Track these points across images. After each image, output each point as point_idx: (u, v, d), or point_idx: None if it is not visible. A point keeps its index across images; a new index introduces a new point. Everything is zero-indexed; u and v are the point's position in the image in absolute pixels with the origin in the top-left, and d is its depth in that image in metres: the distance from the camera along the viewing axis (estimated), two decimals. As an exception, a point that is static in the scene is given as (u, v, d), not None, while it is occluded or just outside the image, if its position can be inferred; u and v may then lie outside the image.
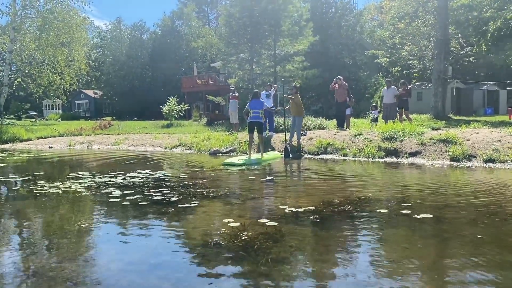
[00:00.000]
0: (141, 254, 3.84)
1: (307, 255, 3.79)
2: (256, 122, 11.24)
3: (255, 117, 11.22)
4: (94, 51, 55.38)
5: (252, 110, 11.20)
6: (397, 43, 26.36)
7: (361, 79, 29.42)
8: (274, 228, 4.45)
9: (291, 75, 23.77)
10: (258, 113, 11.22)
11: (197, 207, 5.57)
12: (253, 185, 7.58)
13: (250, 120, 11.26)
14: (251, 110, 11.24)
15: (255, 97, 11.45)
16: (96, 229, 4.79)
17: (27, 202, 6.21)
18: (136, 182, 7.62)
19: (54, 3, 30.49)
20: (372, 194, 6.29)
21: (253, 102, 11.33)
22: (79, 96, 55.67)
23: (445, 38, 20.27)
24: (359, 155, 11.14)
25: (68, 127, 22.86)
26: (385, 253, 3.84)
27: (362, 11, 35.35)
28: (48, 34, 29.91)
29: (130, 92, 48.09)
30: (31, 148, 17.62)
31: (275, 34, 23.19)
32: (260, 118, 11.29)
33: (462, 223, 4.69)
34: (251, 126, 11.31)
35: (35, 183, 7.61)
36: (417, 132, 11.59)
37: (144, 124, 25.66)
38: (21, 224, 5.06)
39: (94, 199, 6.33)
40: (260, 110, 11.24)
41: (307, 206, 5.42)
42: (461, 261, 3.55)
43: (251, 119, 11.24)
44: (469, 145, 10.21)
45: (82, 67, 33.15)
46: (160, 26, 52.72)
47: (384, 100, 14.75)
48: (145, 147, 15.85)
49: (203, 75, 40.17)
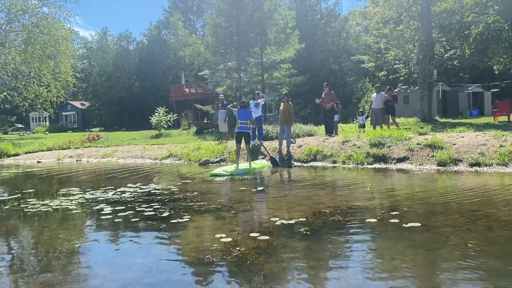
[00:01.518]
0: (135, 274, 3.87)
1: (299, 269, 3.85)
2: (244, 132, 11.31)
3: (243, 128, 11.28)
4: (80, 62, 55.10)
5: (241, 120, 11.26)
6: (382, 48, 26.70)
7: (347, 84, 29.70)
8: (266, 242, 4.50)
9: (278, 82, 23.94)
10: (246, 124, 11.29)
11: (189, 222, 5.60)
12: (244, 196, 7.63)
13: (238, 130, 11.31)
14: (239, 120, 11.30)
15: (244, 107, 11.52)
16: (89, 248, 4.80)
17: (17, 222, 6.18)
18: (127, 197, 7.62)
19: (39, 16, 30.36)
20: (361, 203, 6.38)
21: (241, 112, 11.39)
22: (66, 107, 55.35)
23: (429, 42, 20.59)
24: (348, 162, 11.26)
25: (56, 141, 22.67)
26: (375, 264, 3.92)
27: (347, 17, 35.76)
28: (33, 47, 29.71)
29: (117, 102, 47.95)
30: (19, 163, 17.46)
31: (261, 42, 23.34)
32: (248, 128, 11.36)
33: (449, 231, 4.79)
34: (239, 136, 11.36)
35: (25, 201, 7.57)
36: (404, 137, 11.76)
37: (133, 135, 25.57)
38: (12, 245, 5.05)
39: (85, 216, 6.32)
40: (248, 121, 11.31)
41: (298, 217, 5.49)
42: (451, 270, 3.64)
43: (239, 129, 11.29)
44: (455, 150, 10.39)
45: (68, 79, 32.93)
46: (146, 36, 52.72)
47: (373, 106, 14.92)
48: (135, 159, 15.81)
49: (191, 83, 40.21)
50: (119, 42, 53.93)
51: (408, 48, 23.71)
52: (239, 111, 11.51)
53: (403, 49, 23.77)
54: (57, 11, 30.94)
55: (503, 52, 20.02)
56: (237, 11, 23.41)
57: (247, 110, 11.56)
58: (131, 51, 52.24)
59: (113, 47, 53.32)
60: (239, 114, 11.38)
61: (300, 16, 28.65)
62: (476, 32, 19.99)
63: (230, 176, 10.22)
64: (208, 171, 11.22)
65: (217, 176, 10.31)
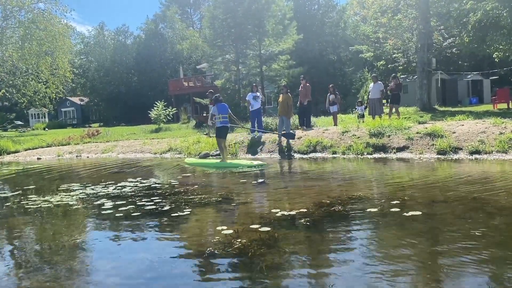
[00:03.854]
0: (137, 268, 3.88)
1: (301, 260, 3.85)
2: (228, 127, 11.52)
3: (226, 122, 11.34)
4: (78, 57, 54.93)
5: (222, 114, 11.22)
6: (380, 37, 26.57)
7: (346, 74, 29.67)
8: (267, 234, 4.51)
9: (277, 74, 23.90)
10: (227, 117, 11.33)
11: (190, 216, 5.61)
12: (245, 188, 7.63)
13: (223, 125, 11.25)
14: (220, 115, 11.22)
15: (220, 102, 11.44)
16: (91, 243, 4.81)
17: (18, 218, 6.18)
18: (127, 191, 7.63)
19: (35, 12, 30.18)
20: (362, 193, 6.39)
21: (220, 107, 11.31)
22: (65, 103, 55.24)
23: (428, 31, 20.53)
24: (348, 152, 11.26)
25: (55, 137, 22.66)
26: (377, 254, 3.92)
27: (345, 7, 35.58)
28: (30, 44, 29.59)
29: (116, 97, 47.86)
30: (19, 160, 17.46)
31: (259, 34, 23.27)
32: (228, 122, 11.45)
33: (450, 219, 4.80)
34: (225, 131, 11.39)
35: (26, 198, 7.57)
36: (404, 127, 11.75)
37: (133, 130, 25.55)
38: (14, 242, 5.06)
39: (86, 212, 6.33)
40: (227, 115, 11.33)
41: (299, 208, 5.49)
42: (452, 257, 3.65)
43: (224, 123, 11.25)
44: (455, 138, 10.39)
45: (66, 75, 32.84)
46: (143, 30, 52.42)
47: (371, 95, 14.90)
48: (135, 154, 15.81)
49: (189, 77, 40.12)
50: (117, 37, 53.68)
51: (406, 37, 23.59)
52: (218, 105, 11.33)
53: (402, 38, 23.65)
54: (53, 7, 30.79)
55: (502, 39, 19.91)
56: (234, 3, 23.32)
57: (224, 104, 11.60)
58: (128, 46, 52.01)
59: (111, 42, 53.11)
60: (220, 109, 11.27)
61: (298, 7, 28.53)
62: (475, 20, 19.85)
63: (214, 169, 10.54)
64: (232, 164, 11.14)
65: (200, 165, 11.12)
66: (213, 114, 11.38)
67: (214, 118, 11.32)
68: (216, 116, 11.21)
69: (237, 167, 10.42)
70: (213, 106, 14.21)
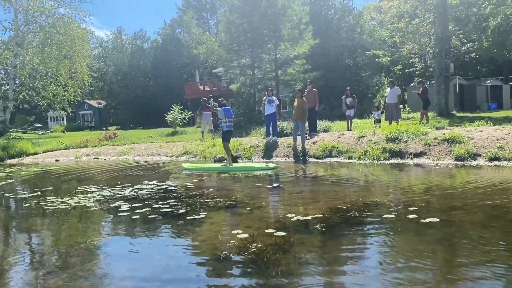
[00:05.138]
0: (153, 270, 3.91)
1: (316, 266, 3.83)
2: (232, 130, 11.71)
3: (232, 126, 11.55)
4: (96, 61, 55.79)
5: (228, 119, 11.37)
6: (397, 42, 26.38)
7: (362, 79, 29.47)
8: (282, 239, 4.50)
9: (292, 78, 23.89)
10: (232, 121, 11.53)
11: (205, 219, 5.63)
12: (260, 193, 7.63)
13: (229, 129, 11.42)
14: (227, 119, 11.33)
15: (224, 106, 11.57)
16: (107, 245, 4.86)
17: (37, 219, 6.29)
18: (143, 194, 7.70)
19: (56, 17, 30.76)
20: (378, 199, 6.33)
21: (226, 110, 11.44)
22: (83, 106, 56.07)
23: (445, 36, 20.28)
24: (364, 158, 11.17)
25: (73, 139, 22.99)
26: (393, 261, 3.88)
27: (361, 12, 35.43)
28: (50, 48, 30.17)
29: (133, 101, 48.42)
30: (38, 162, 17.76)
31: (275, 38, 23.30)
32: (233, 126, 11.70)
33: (469, 227, 4.72)
34: (231, 135, 11.60)
35: (45, 199, 7.70)
36: (421, 132, 11.62)
37: (149, 133, 25.78)
38: (33, 242, 5.15)
39: (103, 214, 6.40)
40: (232, 119, 11.54)
41: (315, 214, 5.47)
42: (470, 265, 3.59)
43: (229, 127, 11.43)
44: (474, 144, 10.23)
45: (85, 79, 33.34)
46: (161, 35, 53.07)
47: (387, 100, 14.79)
48: (151, 157, 15.95)
49: (205, 81, 40.37)
50: (134, 41, 54.44)
51: (423, 42, 23.36)
52: (224, 109, 11.44)
53: (419, 43, 23.42)
54: (73, 12, 31.32)
55: (523, 44, 19.63)
56: (250, 8, 23.41)
57: (229, 108, 11.78)
58: (146, 50, 52.68)
59: (128, 46, 53.89)
60: (226, 113, 11.39)
61: (314, 12, 28.50)
62: (494, 24, 19.63)
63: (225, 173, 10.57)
64: (240, 167, 11.23)
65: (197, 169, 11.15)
66: (219, 118, 11.43)
67: (220, 122, 11.40)
68: (222, 120, 11.30)
69: (244, 171, 10.64)
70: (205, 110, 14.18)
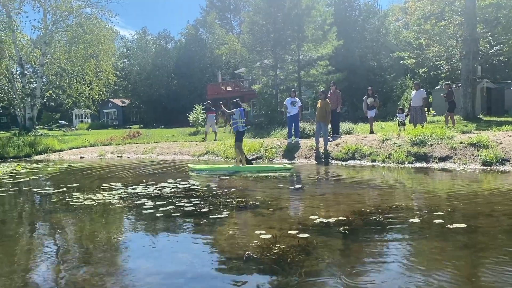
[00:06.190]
0: (177, 267, 3.95)
1: (339, 269, 3.80)
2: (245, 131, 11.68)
3: (244, 126, 11.55)
4: (121, 61, 56.74)
5: (243, 119, 11.38)
6: (423, 44, 25.93)
7: (387, 81, 29.09)
8: (305, 240, 4.48)
9: (315, 79, 23.76)
10: (244, 122, 11.51)
11: (228, 218, 5.66)
12: (282, 194, 7.62)
13: (243, 129, 11.44)
14: (242, 120, 11.33)
15: (239, 106, 11.55)
16: (133, 242, 4.93)
17: (63, 215, 6.42)
18: (167, 192, 7.78)
19: (83, 17, 31.43)
20: (403, 203, 6.24)
21: (241, 111, 11.45)
22: (107, 105, 57.07)
23: (473, 38, 19.85)
24: (388, 161, 11.03)
25: (98, 137, 23.44)
26: (418, 265, 3.81)
27: (387, 13, 34.97)
28: (77, 47, 30.87)
29: (156, 100, 49.04)
30: (64, 158, 18.15)
31: (298, 39, 23.23)
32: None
33: (496, 233, 4.61)
34: (243, 136, 11.55)
35: (70, 195, 7.87)
36: (447, 136, 11.40)
37: (171, 132, 26.06)
38: (59, 238, 5.26)
39: (128, 211, 6.49)
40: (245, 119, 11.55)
41: (338, 216, 5.42)
42: (497, 273, 3.50)
43: (244, 128, 11.44)
44: (502, 149, 9.98)
45: (110, 78, 33.96)
46: (184, 35, 53.59)
47: (412, 103, 14.57)
48: (174, 156, 16.11)
49: (227, 81, 40.56)
50: (158, 41, 55.19)
51: (450, 44, 22.91)
52: (240, 110, 11.46)
53: (445, 45, 22.98)
54: (99, 12, 32.00)
55: (554, 47, 19.03)
56: (274, 8, 23.41)
57: (243, 108, 11.75)
58: (169, 50, 53.30)
59: (152, 46, 54.64)
60: (242, 113, 11.42)
61: (338, 12, 28.28)
62: (525, 26, 19.09)
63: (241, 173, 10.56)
64: (253, 167, 11.28)
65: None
66: (235, 119, 11.37)
67: (235, 122, 11.36)
68: (238, 121, 11.29)
69: (254, 171, 10.69)
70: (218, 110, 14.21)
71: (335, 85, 14.88)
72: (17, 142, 20.65)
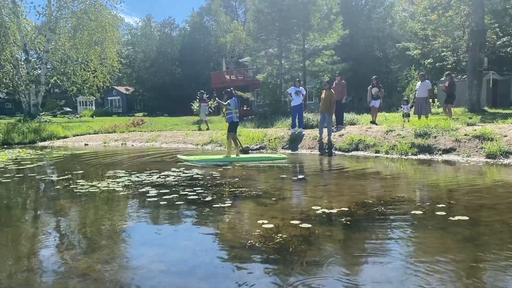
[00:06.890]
0: (180, 255, 3.99)
1: (341, 259, 3.83)
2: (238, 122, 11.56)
3: (239, 117, 11.49)
4: (125, 48, 56.58)
5: (237, 110, 11.28)
6: (429, 34, 25.74)
7: (392, 72, 28.95)
8: (307, 230, 4.51)
9: (320, 69, 23.64)
10: (238, 113, 11.41)
11: (231, 207, 5.69)
12: (285, 184, 7.65)
13: (237, 120, 11.35)
14: (236, 110, 11.23)
15: (233, 95, 11.43)
16: (136, 229, 4.97)
17: (68, 201, 6.47)
18: (171, 181, 7.82)
19: (87, 3, 31.30)
20: (406, 194, 6.25)
21: (236, 101, 11.35)
22: (111, 92, 57.05)
23: (481, 29, 19.65)
24: (391, 152, 11.02)
25: (102, 124, 23.49)
26: (420, 257, 3.84)
27: (393, 3, 34.65)
28: (82, 34, 30.80)
29: (160, 88, 48.97)
30: (68, 145, 18.24)
31: (304, 28, 23.06)
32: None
33: (499, 226, 4.62)
34: (237, 126, 11.44)
35: (75, 182, 7.92)
36: (451, 128, 11.36)
37: (175, 121, 26.08)
38: (62, 225, 5.31)
39: (132, 199, 6.53)
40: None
41: (340, 207, 5.45)
42: (499, 266, 3.52)
43: (238, 118, 11.36)
44: (506, 141, 9.95)
45: (114, 65, 33.92)
46: (189, 23, 53.32)
47: (417, 94, 14.47)
48: (177, 144, 16.15)
49: (231, 70, 40.38)
50: (163, 29, 54.91)
51: (457, 35, 22.70)
52: (235, 99, 11.34)
53: (452, 36, 22.78)
54: (104, -2, 31.82)
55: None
56: (280, -4, 23.19)
57: (237, 98, 11.63)
58: (174, 38, 53.07)
59: (157, 33, 54.37)
60: (237, 103, 11.32)
61: (345, 2, 28.06)
62: (533, 18, 18.88)
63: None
64: (246, 158, 11.30)
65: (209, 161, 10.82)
66: (230, 109, 11.21)
67: (229, 113, 11.22)
68: (233, 111, 11.22)
69: (247, 161, 10.70)
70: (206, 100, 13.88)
71: (340, 76, 14.81)
72: (22, 128, 20.76)
